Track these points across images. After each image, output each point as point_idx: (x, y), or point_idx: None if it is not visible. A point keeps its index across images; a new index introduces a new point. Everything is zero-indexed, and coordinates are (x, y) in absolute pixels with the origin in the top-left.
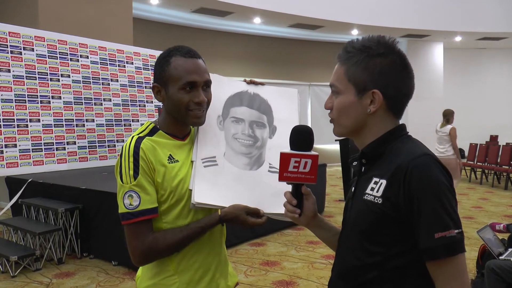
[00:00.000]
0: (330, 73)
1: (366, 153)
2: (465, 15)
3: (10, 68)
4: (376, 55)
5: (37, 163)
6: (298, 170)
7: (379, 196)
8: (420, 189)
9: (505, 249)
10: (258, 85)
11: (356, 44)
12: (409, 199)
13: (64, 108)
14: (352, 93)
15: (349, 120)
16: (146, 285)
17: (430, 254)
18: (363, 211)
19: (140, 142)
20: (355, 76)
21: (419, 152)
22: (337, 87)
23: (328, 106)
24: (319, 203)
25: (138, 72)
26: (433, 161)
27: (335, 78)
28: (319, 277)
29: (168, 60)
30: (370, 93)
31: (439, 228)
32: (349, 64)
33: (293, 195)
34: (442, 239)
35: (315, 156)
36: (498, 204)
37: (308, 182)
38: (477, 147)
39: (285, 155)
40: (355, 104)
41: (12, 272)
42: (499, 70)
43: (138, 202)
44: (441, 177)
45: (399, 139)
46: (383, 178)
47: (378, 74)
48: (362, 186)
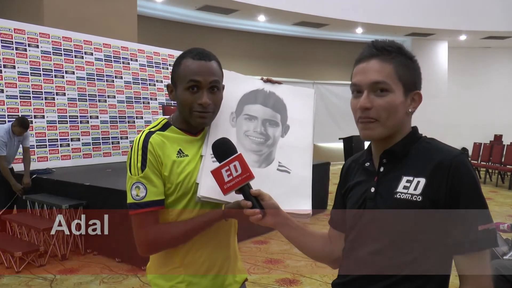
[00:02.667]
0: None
1: (395, 151)
2: (470, 14)
3: (15, 65)
4: (410, 58)
5: (41, 159)
6: (233, 176)
7: (418, 194)
8: (465, 184)
9: (509, 249)
10: (275, 83)
11: (392, 44)
12: (453, 194)
13: (68, 105)
14: (401, 92)
15: (396, 119)
16: (154, 275)
17: (473, 246)
18: (397, 210)
19: (149, 137)
20: (405, 76)
21: (457, 150)
22: (388, 85)
23: (367, 105)
24: (322, 201)
25: (142, 69)
26: (469, 160)
27: (384, 75)
28: (322, 275)
29: (180, 61)
30: (413, 93)
31: (482, 221)
32: (395, 63)
33: (246, 200)
34: (486, 231)
35: (237, 156)
36: (502, 204)
37: (248, 180)
38: (481, 147)
39: (214, 171)
40: (402, 104)
41: (17, 267)
42: (503, 69)
43: (144, 194)
44: (477, 175)
45: (421, 139)
46: (420, 176)
47: (419, 76)
48: (388, 185)
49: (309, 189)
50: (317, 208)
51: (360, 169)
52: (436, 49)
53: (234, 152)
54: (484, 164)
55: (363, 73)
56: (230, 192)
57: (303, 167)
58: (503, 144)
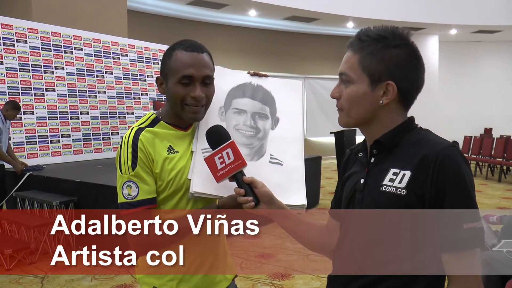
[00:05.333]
0: (325, 66)
1: (382, 142)
2: (460, 8)
3: (3, 60)
4: (392, 46)
5: (31, 155)
6: (226, 164)
7: (403, 187)
8: (451, 180)
9: (498, 241)
10: (262, 76)
11: (370, 33)
12: (438, 190)
13: (58, 101)
14: (365, 83)
15: (360, 110)
16: (143, 274)
17: (457, 244)
18: (382, 203)
19: (139, 134)
20: (370, 66)
21: (446, 143)
22: (349, 76)
23: (335, 95)
24: (314, 195)
25: (132, 65)
26: (460, 153)
27: (347, 66)
28: (314, 269)
29: (171, 53)
30: (384, 84)
31: (468, 219)
32: (363, 53)
33: (239, 188)
34: (471, 230)
35: (230, 143)
36: (491, 196)
37: (241, 167)
38: (472, 140)
39: (208, 158)
40: (367, 95)
41: (7, 265)
42: (494, 63)
43: (136, 192)
44: (467, 170)
45: (414, 130)
46: (406, 169)
47: (394, 66)
48: (375, 177)
49: (303, 180)
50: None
51: (356, 160)
52: (426, 43)
53: (227, 139)
54: (474, 157)
55: (342, 63)
56: (223, 179)
57: (295, 158)
58: (493, 137)
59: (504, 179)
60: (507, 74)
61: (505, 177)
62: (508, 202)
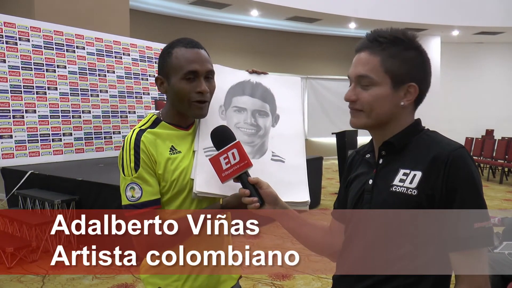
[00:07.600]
0: (327, 66)
1: (393, 143)
2: (463, 9)
3: (5, 59)
4: (411, 48)
5: (33, 154)
6: (231, 164)
7: (414, 187)
8: (462, 180)
9: (500, 243)
10: (261, 74)
11: (386, 34)
12: (449, 190)
13: (60, 99)
14: (388, 85)
15: (382, 112)
16: (148, 274)
17: (467, 243)
18: (392, 203)
19: (141, 135)
20: (393, 68)
21: (456, 144)
22: (371, 78)
23: (352, 98)
24: (315, 196)
25: (134, 64)
26: (469, 154)
27: (368, 68)
28: (315, 270)
29: (170, 52)
30: (406, 86)
31: (478, 218)
32: (384, 55)
33: (244, 188)
34: (481, 229)
35: (236, 143)
36: (493, 198)
37: (246, 167)
38: (473, 141)
39: (213, 159)
40: (390, 96)
41: (8, 263)
42: (496, 64)
43: (140, 194)
44: (476, 170)
45: (422, 132)
46: (417, 170)
47: (415, 67)
48: (385, 178)
49: (305, 176)
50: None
51: (362, 161)
52: (428, 44)
53: (232, 140)
54: (476, 158)
55: (354, 65)
56: (228, 180)
57: (296, 155)
58: (494, 139)
59: (506, 181)
60: (509, 76)
61: (506, 179)
62: (509, 204)
